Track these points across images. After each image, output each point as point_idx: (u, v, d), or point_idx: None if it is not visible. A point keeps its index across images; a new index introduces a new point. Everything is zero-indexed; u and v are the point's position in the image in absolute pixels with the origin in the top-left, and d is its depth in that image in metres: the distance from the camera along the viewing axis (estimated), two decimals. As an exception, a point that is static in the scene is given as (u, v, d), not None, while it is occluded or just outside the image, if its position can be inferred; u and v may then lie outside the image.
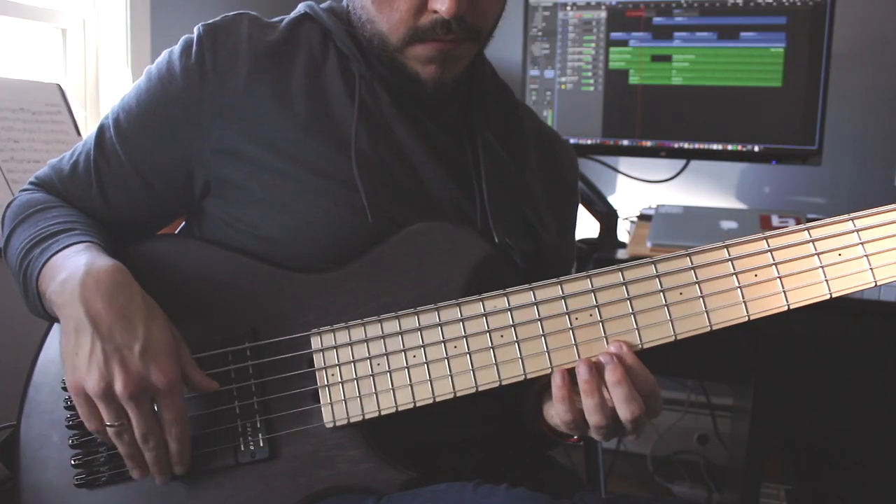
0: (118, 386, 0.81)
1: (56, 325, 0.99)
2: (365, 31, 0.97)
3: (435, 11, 0.89)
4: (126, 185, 1.00)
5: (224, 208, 1.00)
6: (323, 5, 1.04)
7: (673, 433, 2.57)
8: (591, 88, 2.11)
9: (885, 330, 1.75)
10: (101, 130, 1.01)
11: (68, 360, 0.83)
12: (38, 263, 0.90)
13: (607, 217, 2.16)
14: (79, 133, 1.67)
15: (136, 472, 0.87)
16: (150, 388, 0.82)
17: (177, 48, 0.99)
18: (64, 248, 0.89)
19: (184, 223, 1.12)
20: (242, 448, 0.91)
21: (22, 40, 1.89)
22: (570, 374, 0.85)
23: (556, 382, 0.84)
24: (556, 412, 0.86)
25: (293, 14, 1.04)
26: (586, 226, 2.23)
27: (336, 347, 0.90)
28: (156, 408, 0.85)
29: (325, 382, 0.90)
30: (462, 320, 0.88)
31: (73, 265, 0.85)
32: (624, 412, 0.82)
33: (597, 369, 0.83)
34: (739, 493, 1.91)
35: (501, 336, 0.87)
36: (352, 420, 0.89)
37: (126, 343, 0.81)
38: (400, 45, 0.94)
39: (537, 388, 0.98)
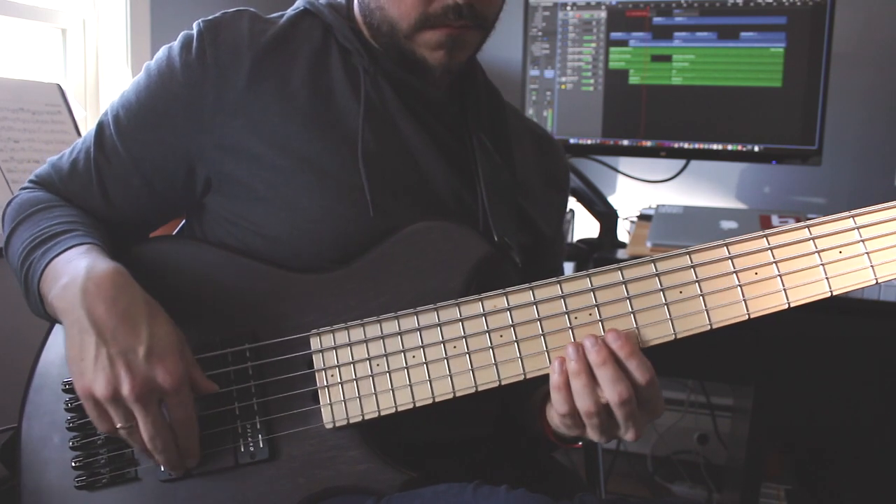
0: (125, 389, 0.80)
1: (57, 327, 0.99)
2: (373, 19, 0.97)
3: None
4: (127, 183, 1.00)
5: (226, 206, 0.99)
6: (322, 0, 1.04)
7: (673, 433, 2.57)
8: (591, 88, 2.11)
9: (885, 330, 1.75)
10: (101, 128, 1.01)
11: (74, 365, 0.83)
12: (39, 266, 0.89)
13: (607, 217, 2.15)
14: (79, 133, 1.67)
15: (153, 462, 0.88)
16: (156, 390, 0.82)
17: (176, 44, 0.99)
18: (65, 251, 0.89)
19: (184, 222, 1.12)
20: (242, 449, 0.91)
21: (22, 40, 1.89)
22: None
23: (555, 368, 0.84)
24: (553, 402, 0.85)
25: (292, 9, 1.04)
26: (586, 226, 2.23)
27: (335, 348, 0.90)
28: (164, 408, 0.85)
29: (325, 383, 0.90)
30: (461, 320, 0.88)
31: (74, 269, 0.85)
32: (611, 393, 0.81)
33: (584, 350, 0.83)
34: (739, 493, 1.91)
35: (501, 336, 0.87)
36: (351, 421, 0.89)
37: (130, 346, 0.81)
38: (410, 32, 0.95)
39: (541, 392, 0.97)
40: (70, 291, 0.83)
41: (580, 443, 1.01)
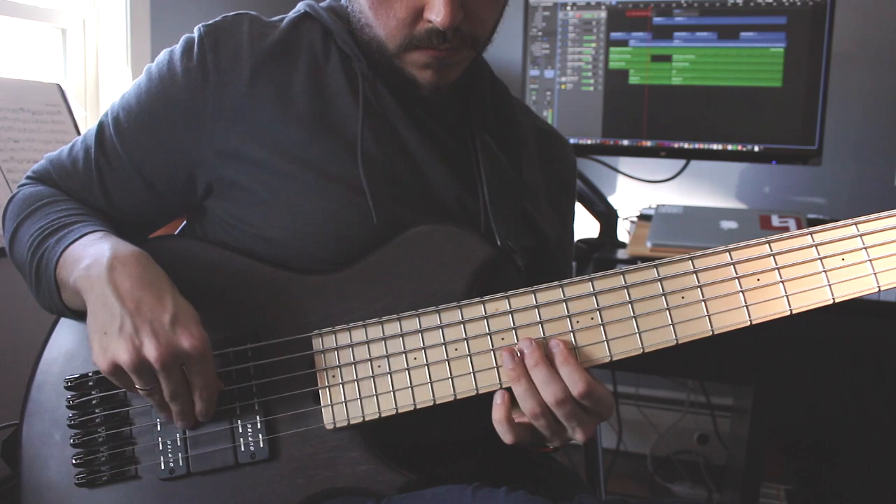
0: (150, 354, 0.81)
1: (59, 324, 0.99)
2: (363, 35, 0.97)
3: (430, 21, 0.90)
4: (127, 184, 1.00)
5: (227, 209, 0.99)
6: (322, 4, 1.04)
7: (673, 433, 2.57)
8: (591, 88, 2.11)
9: (885, 330, 1.75)
10: (101, 128, 1.01)
11: (96, 339, 0.83)
12: (54, 253, 0.90)
13: (607, 217, 2.16)
14: (78, 133, 1.67)
15: (164, 416, 0.90)
16: (181, 355, 0.83)
17: (177, 48, 0.99)
18: (82, 237, 0.90)
19: (185, 222, 1.12)
20: (242, 449, 0.91)
21: (22, 40, 1.89)
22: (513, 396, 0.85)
23: (497, 402, 0.85)
24: (500, 434, 0.87)
25: (293, 13, 1.03)
26: (586, 226, 2.23)
27: (337, 349, 0.90)
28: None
29: (326, 384, 0.90)
30: (463, 322, 0.88)
31: (96, 252, 0.86)
32: (546, 394, 0.82)
33: (521, 356, 0.84)
34: (739, 493, 1.91)
35: (503, 339, 0.87)
36: (352, 422, 0.89)
37: (155, 315, 0.82)
38: (396, 51, 0.94)
39: None
40: (94, 270, 0.84)
41: (550, 447, 1.01)
